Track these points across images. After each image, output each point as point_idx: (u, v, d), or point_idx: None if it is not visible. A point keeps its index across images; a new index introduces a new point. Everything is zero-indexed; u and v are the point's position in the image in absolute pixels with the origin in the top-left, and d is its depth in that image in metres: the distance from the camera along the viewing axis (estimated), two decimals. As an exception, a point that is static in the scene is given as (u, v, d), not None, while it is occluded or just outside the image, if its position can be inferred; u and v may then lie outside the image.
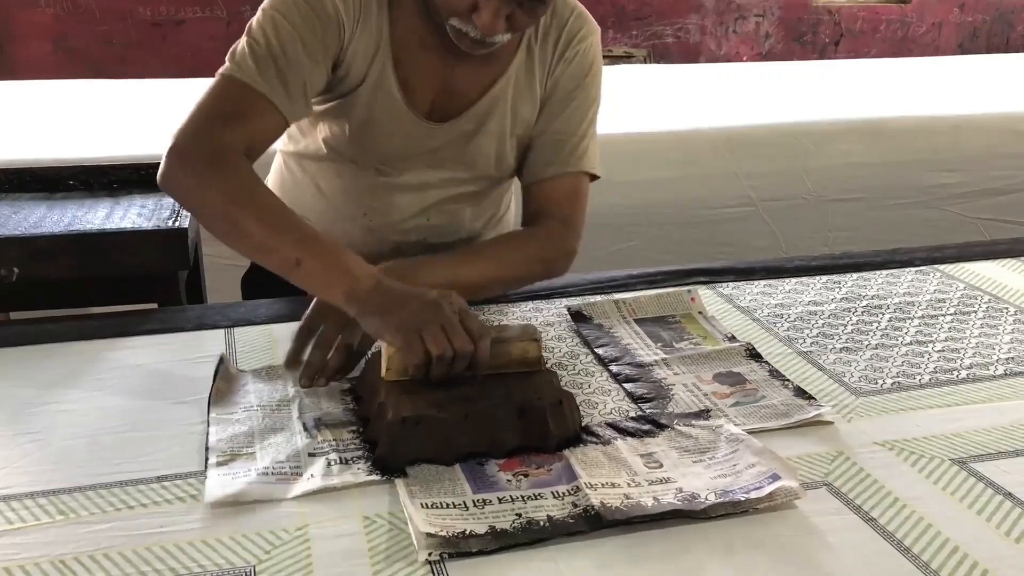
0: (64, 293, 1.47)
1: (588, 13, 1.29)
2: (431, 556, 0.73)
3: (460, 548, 0.74)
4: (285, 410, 0.97)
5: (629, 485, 0.84)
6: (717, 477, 0.85)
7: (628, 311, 1.24)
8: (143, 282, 1.48)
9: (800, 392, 1.02)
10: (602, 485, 0.83)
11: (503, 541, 0.75)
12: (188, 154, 1.05)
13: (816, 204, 2.64)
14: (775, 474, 0.83)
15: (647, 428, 0.94)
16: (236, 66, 1.09)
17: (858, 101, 3.05)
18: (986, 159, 2.76)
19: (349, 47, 1.15)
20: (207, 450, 0.89)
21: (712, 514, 0.79)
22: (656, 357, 1.11)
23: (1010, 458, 0.91)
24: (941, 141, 2.75)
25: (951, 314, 1.26)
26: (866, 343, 1.17)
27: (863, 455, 0.90)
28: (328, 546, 0.76)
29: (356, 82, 1.18)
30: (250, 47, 1.09)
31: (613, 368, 1.08)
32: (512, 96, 1.25)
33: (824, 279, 1.39)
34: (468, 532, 0.76)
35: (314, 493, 0.82)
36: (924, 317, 1.25)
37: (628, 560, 0.75)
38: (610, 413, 0.98)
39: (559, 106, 1.27)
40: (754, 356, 1.11)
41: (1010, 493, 0.84)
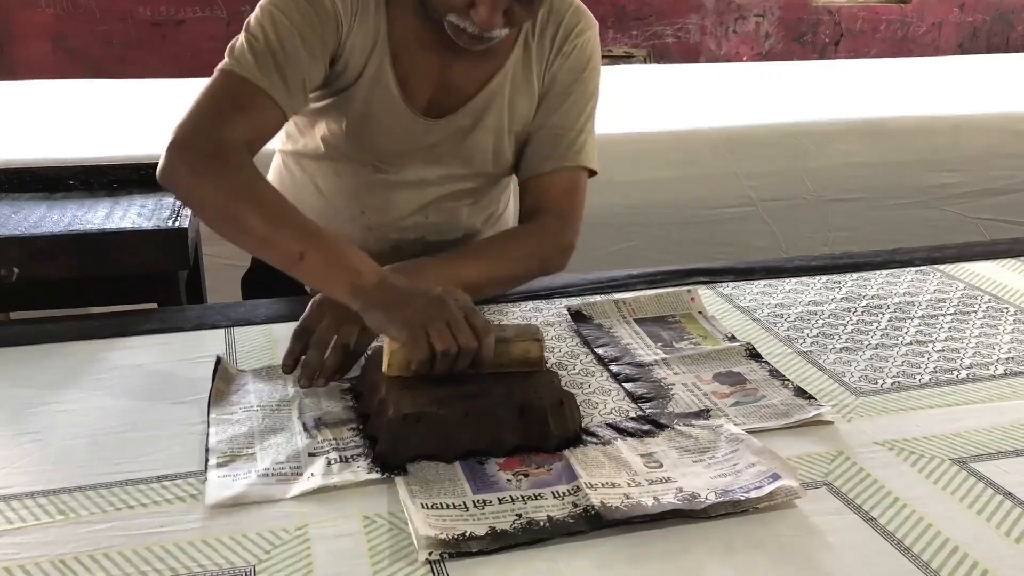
0: (64, 293, 1.47)
1: (586, 8, 1.28)
2: (431, 556, 0.73)
3: (460, 548, 0.74)
4: (285, 410, 0.97)
5: (629, 485, 0.83)
6: (717, 477, 0.85)
7: (628, 311, 1.24)
8: (143, 282, 1.48)
9: (800, 392, 1.02)
10: (602, 485, 0.83)
11: (503, 541, 0.75)
12: (188, 149, 1.05)
13: (816, 204, 2.64)
14: (775, 473, 0.83)
15: (647, 428, 0.94)
16: (235, 61, 1.09)
17: (858, 101, 3.05)
18: (986, 159, 2.76)
19: (347, 42, 1.15)
20: (207, 451, 0.89)
21: (712, 513, 0.79)
22: (656, 357, 1.11)
23: (1010, 458, 0.91)
24: (941, 141, 2.75)
25: (951, 314, 1.26)
26: (866, 343, 1.17)
27: (863, 455, 0.90)
28: (328, 546, 0.76)
29: (353, 77, 1.18)
30: (249, 43, 1.09)
31: (613, 368, 1.08)
32: (509, 91, 1.24)
33: (824, 279, 1.39)
34: (468, 534, 0.76)
35: (314, 493, 0.82)
36: (924, 317, 1.25)
37: (628, 560, 0.75)
38: (610, 413, 0.98)
39: (557, 101, 1.26)
40: (754, 356, 1.11)
41: (1010, 493, 0.84)
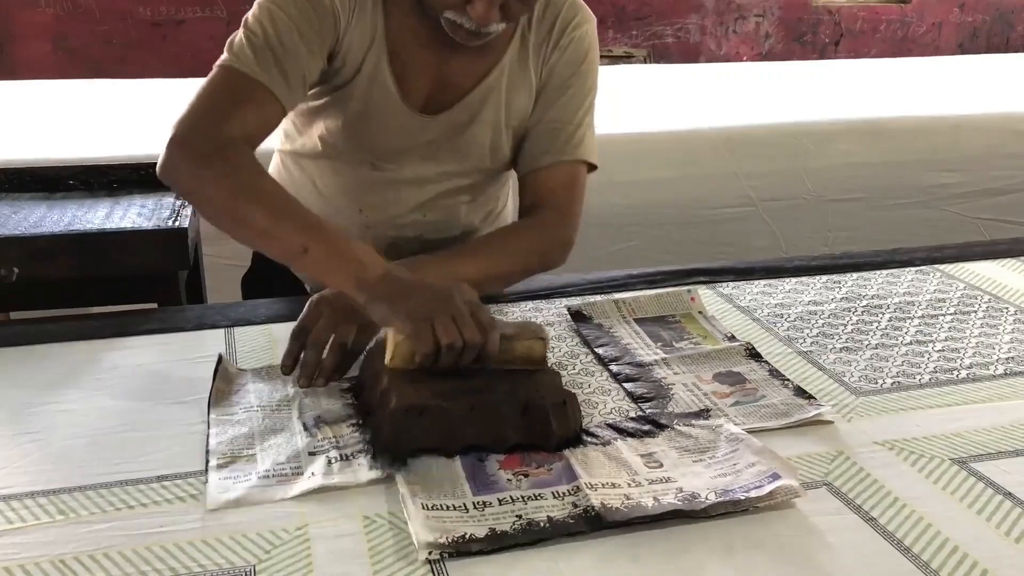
0: (64, 293, 1.47)
1: (583, 2, 1.28)
2: (431, 556, 0.73)
3: (460, 549, 0.74)
4: (285, 410, 0.97)
5: (629, 485, 0.83)
6: (717, 476, 0.85)
7: (628, 311, 1.24)
8: (143, 282, 1.48)
9: (800, 392, 1.02)
10: (602, 485, 0.83)
11: (503, 542, 0.75)
12: (189, 144, 1.05)
13: (816, 204, 2.64)
14: (775, 473, 0.83)
15: (647, 428, 0.94)
16: (234, 56, 1.09)
17: (858, 101, 3.05)
18: (986, 159, 2.76)
19: (344, 38, 1.15)
20: (207, 452, 0.89)
21: (712, 513, 0.79)
22: (656, 357, 1.11)
23: (1010, 458, 0.90)
24: (941, 141, 2.75)
25: (951, 314, 1.26)
26: (866, 343, 1.17)
27: (863, 455, 0.90)
28: (328, 546, 0.76)
29: (351, 73, 1.18)
30: (248, 38, 1.09)
31: (613, 368, 1.08)
32: (506, 86, 1.24)
33: (824, 279, 1.39)
34: (468, 536, 0.75)
35: (314, 493, 0.82)
36: (924, 317, 1.25)
37: (628, 560, 0.74)
38: (610, 413, 0.98)
39: (555, 94, 1.26)
40: (754, 356, 1.11)
41: (1010, 493, 0.84)
